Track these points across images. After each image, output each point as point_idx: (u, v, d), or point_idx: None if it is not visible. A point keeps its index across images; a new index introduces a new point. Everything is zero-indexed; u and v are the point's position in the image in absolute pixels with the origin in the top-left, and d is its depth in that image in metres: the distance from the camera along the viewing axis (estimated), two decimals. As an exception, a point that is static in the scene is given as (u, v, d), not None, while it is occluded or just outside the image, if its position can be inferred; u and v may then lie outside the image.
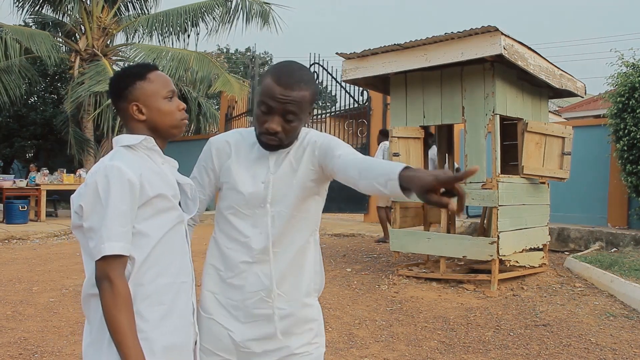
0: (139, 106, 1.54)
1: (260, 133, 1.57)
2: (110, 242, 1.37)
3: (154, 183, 1.48)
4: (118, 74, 1.60)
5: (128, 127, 1.57)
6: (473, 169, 1.14)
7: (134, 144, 1.52)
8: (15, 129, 13.82)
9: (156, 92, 1.55)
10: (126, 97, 1.54)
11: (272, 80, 1.52)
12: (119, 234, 1.38)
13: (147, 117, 1.54)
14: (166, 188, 1.51)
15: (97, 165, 1.45)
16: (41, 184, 10.50)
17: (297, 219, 1.64)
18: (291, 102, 1.51)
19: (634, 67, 7.38)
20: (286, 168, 1.63)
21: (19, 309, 4.59)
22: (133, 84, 1.54)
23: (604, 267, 5.67)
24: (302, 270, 1.67)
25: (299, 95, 1.52)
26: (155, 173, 1.51)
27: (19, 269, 6.28)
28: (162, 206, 1.49)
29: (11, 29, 11.43)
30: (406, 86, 5.94)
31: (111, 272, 1.37)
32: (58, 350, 3.67)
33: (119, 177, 1.39)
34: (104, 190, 1.38)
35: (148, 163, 1.52)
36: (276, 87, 1.51)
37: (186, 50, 12.18)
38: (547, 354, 3.71)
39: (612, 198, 8.14)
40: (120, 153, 1.49)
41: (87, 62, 11.97)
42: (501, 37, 4.93)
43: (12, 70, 11.34)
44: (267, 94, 1.52)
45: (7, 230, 9.02)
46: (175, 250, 1.54)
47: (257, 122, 1.57)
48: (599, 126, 8.27)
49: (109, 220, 1.37)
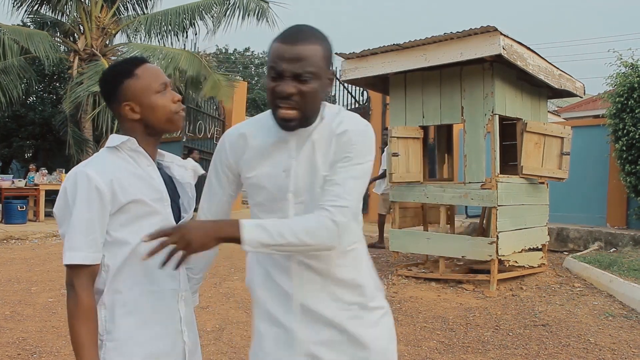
0: (131, 105, 1.47)
1: (275, 106, 1.37)
2: (72, 251, 1.35)
3: (128, 188, 1.42)
4: (105, 74, 1.53)
5: (124, 127, 1.51)
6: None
7: (116, 144, 1.47)
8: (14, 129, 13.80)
9: (147, 87, 1.47)
10: (117, 97, 1.48)
11: (278, 41, 1.36)
12: (81, 243, 1.35)
13: (141, 115, 1.48)
14: (146, 192, 1.45)
15: (72, 171, 1.42)
16: (40, 184, 10.48)
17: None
18: (302, 58, 1.33)
19: (633, 67, 7.39)
20: (309, 150, 1.43)
21: (17, 309, 4.58)
22: (121, 83, 1.47)
23: (603, 267, 5.68)
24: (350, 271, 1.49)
25: (309, 50, 1.34)
26: (136, 176, 1.45)
27: (18, 269, 6.27)
28: (139, 212, 1.43)
29: (9, 29, 11.40)
30: (405, 86, 5.94)
31: (75, 281, 1.36)
32: (57, 351, 3.67)
33: (86, 185, 1.37)
34: (71, 198, 1.38)
35: (129, 166, 1.46)
36: (282, 46, 1.34)
37: (177, 50, 12.15)
38: (546, 354, 3.71)
39: (611, 198, 8.15)
40: (99, 157, 1.47)
41: (86, 62, 11.95)
42: (500, 37, 4.93)
43: (10, 70, 11.31)
44: (274, 57, 1.35)
45: (6, 230, 9.00)
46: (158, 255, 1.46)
47: (270, 94, 1.37)
48: (598, 126, 8.28)
49: (72, 228, 1.36)
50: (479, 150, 5.42)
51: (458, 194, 5.51)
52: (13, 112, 13.26)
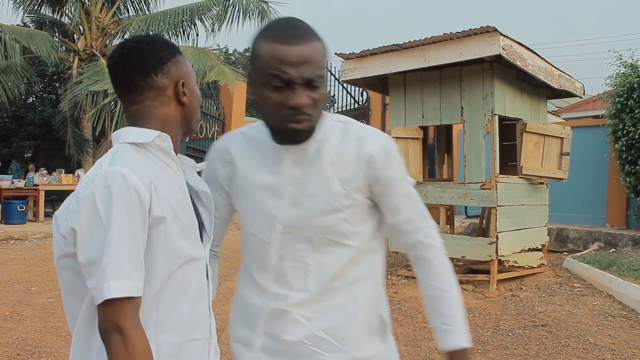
0: (183, 85, 1.17)
1: (283, 119, 1.14)
2: (118, 280, 1.00)
3: (166, 197, 1.09)
4: (152, 40, 1.17)
5: (152, 116, 1.15)
6: None
7: (145, 141, 1.12)
8: (14, 129, 13.79)
9: (192, 71, 1.21)
10: (168, 71, 1.15)
11: (274, 41, 1.11)
12: (128, 268, 1.02)
13: (189, 101, 1.19)
14: (182, 207, 1.14)
15: (94, 172, 1.06)
16: (39, 184, 10.48)
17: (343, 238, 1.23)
18: (309, 60, 1.11)
19: (633, 68, 7.39)
20: (319, 172, 1.21)
21: (17, 310, 4.58)
22: (174, 56, 1.17)
23: (602, 268, 5.68)
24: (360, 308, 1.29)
25: (313, 48, 1.12)
26: (172, 184, 1.13)
27: (17, 269, 6.27)
28: (170, 233, 1.10)
29: (10, 29, 11.41)
30: (405, 86, 5.95)
31: (122, 321, 1.01)
32: (56, 351, 3.66)
33: (123, 188, 1.02)
34: (105, 208, 1.01)
35: (162, 170, 1.13)
36: (281, 47, 1.10)
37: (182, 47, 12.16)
38: (546, 354, 3.71)
39: (611, 198, 8.16)
40: (125, 152, 1.10)
41: (86, 62, 11.95)
42: (500, 37, 4.93)
43: (10, 70, 11.32)
44: (274, 62, 1.10)
45: (6, 230, 9.00)
46: (188, 295, 1.14)
47: (272, 106, 1.14)
48: (597, 126, 8.28)
49: (114, 249, 1.01)
50: (479, 151, 5.42)
51: (458, 194, 5.51)
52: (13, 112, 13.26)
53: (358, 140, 1.22)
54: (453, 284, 1.27)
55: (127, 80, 1.14)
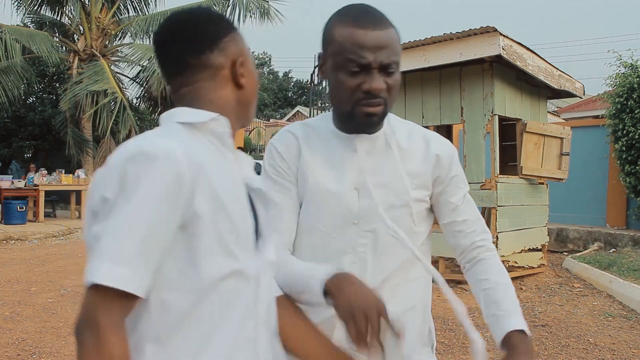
0: (242, 65, 1.01)
1: (356, 103, 1.12)
2: (110, 263, 0.79)
3: (216, 188, 0.90)
4: (206, 12, 1.02)
5: (205, 98, 0.98)
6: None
7: (198, 121, 0.94)
8: (14, 129, 13.79)
9: (249, 51, 1.06)
10: (225, 48, 0.99)
11: (351, 26, 1.10)
12: (130, 254, 0.80)
13: (247, 84, 1.02)
14: (238, 202, 0.94)
15: (134, 141, 0.88)
16: (39, 184, 10.48)
17: (399, 242, 1.19)
18: (387, 45, 1.10)
19: (632, 68, 7.39)
20: (390, 163, 1.19)
21: (17, 310, 4.58)
22: (231, 32, 1.01)
23: (602, 268, 5.68)
24: (412, 312, 1.24)
25: (391, 34, 1.12)
26: (225, 177, 0.93)
27: (17, 269, 6.27)
28: (223, 230, 0.91)
29: (10, 29, 11.42)
30: (405, 86, 5.95)
31: (102, 316, 0.80)
32: (56, 351, 3.66)
33: (163, 165, 0.83)
34: (131, 179, 0.82)
35: (216, 159, 0.94)
36: (361, 31, 1.09)
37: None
38: (546, 354, 3.71)
39: (611, 198, 8.15)
40: (176, 130, 0.93)
41: (86, 62, 11.96)
42: (500, 37, 4.94)
43: (10, 70, 11.32)
44: (353, 46, 1.09)
45: (5, 230, 9.00)
46: (233, 314, 0.92)
47: (347, 90, 1.12)
48: (597, 127, 8.28)
49: (124, 228, 0.81)
50: (479, 151, 5.42)
51: (458, 194, 5.51)
52: (13, 113, 13.26)
53: (425, 139, 1.23)
54: (508, 278, 1.26)
55: (178, 58, 0.99)
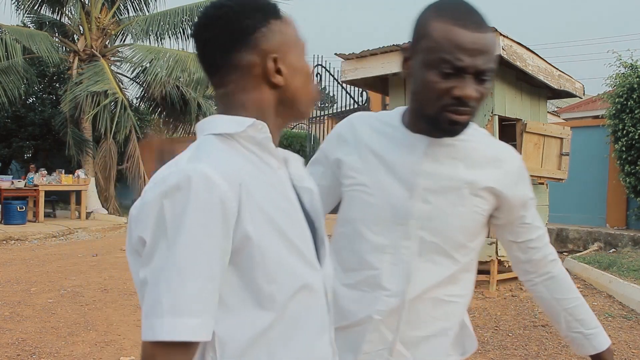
0: (278, 60, 0.89)
1: (443, 107, 1.03)
2: (178, 317, 0.74)
3: (263, 206, 0.83)
4: (239, 4, 0.89)
5: (239, 101, 0.90)
6: None
7: (234, 132, 0.86)
8: (14, 130, 13.81)
9: (295, 41, 0.92)
10: (256, 44, 0.88)
11: (452, 23, 1.00)
12: (195, 300, 0.75)
13: (287, 81, 0.90)
14: (289, 216, 0.87)
15: (166, 170, 0.81)
16: (39, 184, 10.48)
17: (453, 248, 1.13)
18: (486, 51, 1.01)
19: (632, 68, 7.39)
20: (451, 170, 1.11)
21: (17, 310, 4.58)
22: (267, 22, 0.89)
23: (602, 268, 5.68)
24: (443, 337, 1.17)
25: (491, 39, 1.03)
26: (270, 189, 0.86)
27: (17, 269, 6.27)
28: (276, 250, 0.84)
29: (10, 29, 11.43)
30: (405, 87, 5.94)
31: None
32: (56, 351, 3.66)
33: (204, 194, 0.77)
34: (173, 217, 0.76)
35: (259, 170, 0.86)
36: (463, 32, 1.00)
37: (184, 52, 12.17)
38: (546, 354, 3.71)
39: (611, 198, 8.16)
40: (210, 146, 0.85)
41: (86, 62, 11.96)
42: (500, 37, 4.94)
43: (10, 70, 11.33)
44: (451, 46, 0.99)
45: (5, 230, 9.00)
46: (306, 331, 0.88)
47: (434, 92, 1.03)
48: (597, 127, 8.28)
49: (177, 275, 0.74)
50: (479, 151, 5.42)
51: (457, 194, 5.50)
52: (13, 113, 13.27)
53: (495, 151, 1.16)
54: (579, 292, 1.27)
55: (208, 58, 0.91)
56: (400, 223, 1.11)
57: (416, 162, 1.11)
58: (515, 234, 1.21)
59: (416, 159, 1.11)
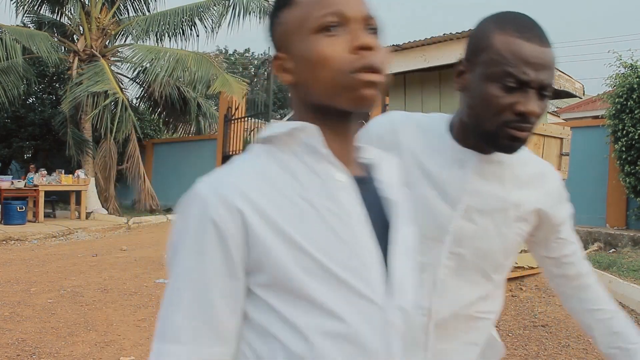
0: (281, 57, 0.80)
1: (504, 123, 0.98)
2: (165, 342, 0.73)
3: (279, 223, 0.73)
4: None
5: (291, 103, 0.86)
6: None
7: (271, 135, 0.79)
8: (14, 130, 13.82)
9: (303, 22, 0.77)
10: (275, 42, 0.82)
11: (517, 36, 0.96)
12: (182, 327, 0.73)
13: (296, 77, 0.79)
14: (325, 240, 0.74)
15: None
16: (39, 184, 10.49)
17: (492, 268, 1.09)
18: (550, 66, 0.98)
19: (632, 68, 7.39)
20: (498, 190, 1.07)
21: (16, 310, 4.58)
22: (276, 17, 0.81)
23: (602, 268, 5.68)
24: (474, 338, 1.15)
25: (554, 56, 0.99)
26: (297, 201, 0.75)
27: (17, 269, 6.27)
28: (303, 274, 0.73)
29: (10, 30, 11.43)
30: (405, 87, 5.95)
31: None
32: (56, 352, 3.66)
33: (197, 217, 0.73)
34: (174, 242, 0.76)
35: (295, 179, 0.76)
36: (528, 45, 0.96)
37: (184, 51, 12.18)
38: (546, 354, 3.71)
39: (611, 198, 8.16)
40: (249, 154, 0.80)
41: (86, 62, 11.96)
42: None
43: (11, 70, 11.34)
44: (515, 59, 0.95)
45: (5, 231, 9.00)
46: None
47: (495, 107, 0.98)
48: (597, 127, 8.28)
49: (168, 303, 0.74)
50: (479, 151, 5.43)
51: (457, 194, 5.51)
52: (13, 113, 13.27)
53: (536, 169, 1.15)
54: (614, 303, 1.23)
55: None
56: (441, 241, 1.06)
57: (465, 179, 1.06)
58: (549, 250, 1.19)
59: (465, 176, 1.06)
